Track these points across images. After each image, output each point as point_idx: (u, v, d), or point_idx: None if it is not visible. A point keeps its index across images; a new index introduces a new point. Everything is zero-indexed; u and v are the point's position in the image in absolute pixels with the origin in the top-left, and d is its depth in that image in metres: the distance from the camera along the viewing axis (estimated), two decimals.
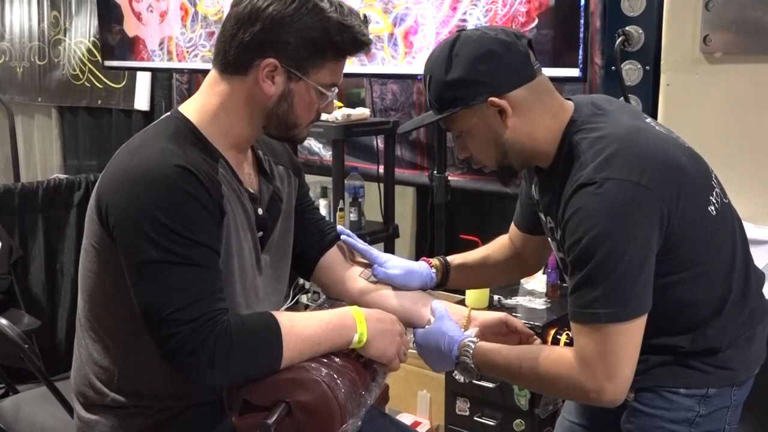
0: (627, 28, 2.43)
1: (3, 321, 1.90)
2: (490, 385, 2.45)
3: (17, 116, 4.72)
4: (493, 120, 1.45)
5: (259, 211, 1.51)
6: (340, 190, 3.01)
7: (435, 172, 3.10)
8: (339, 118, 2.95)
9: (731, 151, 2.21)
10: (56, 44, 4.96)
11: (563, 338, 1.86)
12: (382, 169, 3.23)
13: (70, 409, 1.68)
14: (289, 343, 1.35)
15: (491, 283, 2.27)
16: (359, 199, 3.07)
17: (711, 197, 1.46)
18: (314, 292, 3.18)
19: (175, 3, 3.62)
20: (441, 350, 1.54)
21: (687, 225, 1.39)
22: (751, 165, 2.23)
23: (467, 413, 2.55)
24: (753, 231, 1.63)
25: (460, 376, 2.49)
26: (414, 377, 2.73)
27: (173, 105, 4.23)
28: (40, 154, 5.33)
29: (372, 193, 3.26)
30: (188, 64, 3.67)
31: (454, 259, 1.78)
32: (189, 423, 1.45)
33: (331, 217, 3.04)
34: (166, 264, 1.29)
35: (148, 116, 4.41)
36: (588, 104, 1.50)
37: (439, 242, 3.09)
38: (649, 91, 2.41)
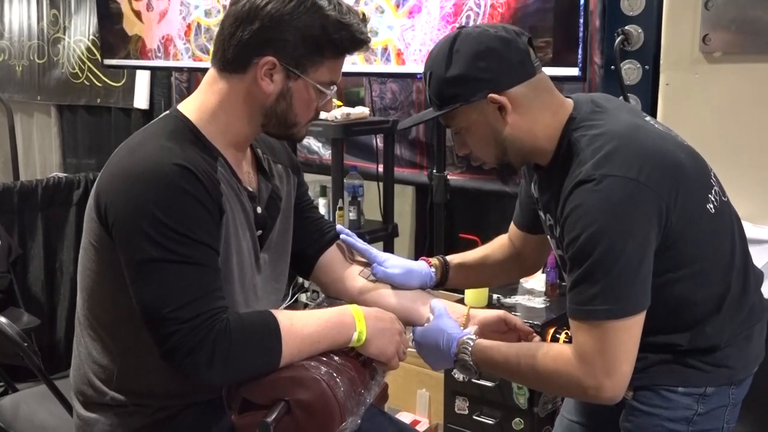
0: (626, 27, 2.43)
1: (2, 319, 1.90)
2: (489, 384, 2.45)
3: (16, 115, 4.72)
4: (493, 116, 1.45)
5: (258, 209, 1.51)
6: (340, 189, 3.01)
7: (434, 171, 3.10)
8: (338, 117, 2.95)
9: (730, 151, 2.21)
10: (55, 43, 4.96)
11: (562, 337, 1.86)
12: (381, 168, 3.23)
13: (69, 408, 1.68)
14: (289, 342, 1.35)
15: (490, 283, 2.27)
16: (358, 198, 3.07)
17: (710, 195, 1.46)
18: (313, 291, 3.19)
19: (175, 2, 3.63)
20: (440, 348, 1.54)
21: (685, 222, 1.39)
22: (750, 164, 2.23)
23: (466, 412, 2.55)
24: (751, 230, 1.64)
25: (459, 374, 2.49)
26: (413, 376, 2.73)
27: (172, 103, 4.23)
28: (40, 153, 5.33)
29: (371, 192, 3.26)
30: (187, 62, 3.67)
31: (453, 258, 1.78)
32: (188, 421, 1.45)
33: (331, 216, 3.05)
34: (165, 263, 1.29)
35: (147, 115, 4.41)
36: (587, 102, 1.50)
37: (439, 241, 3.09)
38: (648, 91, 2.41)
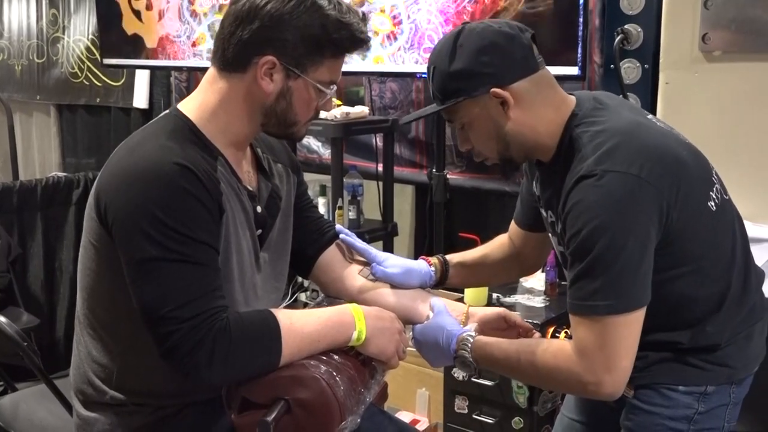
0: (626, 26, 2.43)
1: (2, 319, 1.90)
2: (488, 382, 2.45)
3: (16, 114, 4.72)
4: (496, 111, 1.45)
5: (258, 209, 1.51)
6: (339, 189, 3.01)
7: (434, 170, 3.10)
8: (338, 116, 2.94)
9: (730, 150, 2.21)
10: (55, 42, 4.95)
11: (562, 336, 1.87)
12: (381, 168, 3.23)
13: (69, 407, 1.68)
14: (288, 341, 1.35)
15: (490, 282, 2.27)
16: (358, 198, 3.07)
17: (711, 193, 1.46)
18: (313, 290, 3.18)
19: (174, 2, 3.63)
20: (439, 345, 1.54)
21: (686, 219, 1.40)
22: (750, 163, 2.23)
23: (466, 411, 2.55)
24: (751, 229, 1.64)
25: (458, 373, 2.50)
26: (413, 375, 2.73)
27: (172, 103, 4.23)
28: (39, 152, 5.32)
29: (371, 191, 3.26)
30: (187, 62, 3.67)
31: (453, 257, 1.78)
32: (188, 421, 1.45)
33: (330, 216, 3.05)
34: (164, 262, 1.29)
35: (146, 114, 4.41)
36: (590, 99, 1.51)
37: (438, 240, 3.09)
38: (647, 90, 2.41)
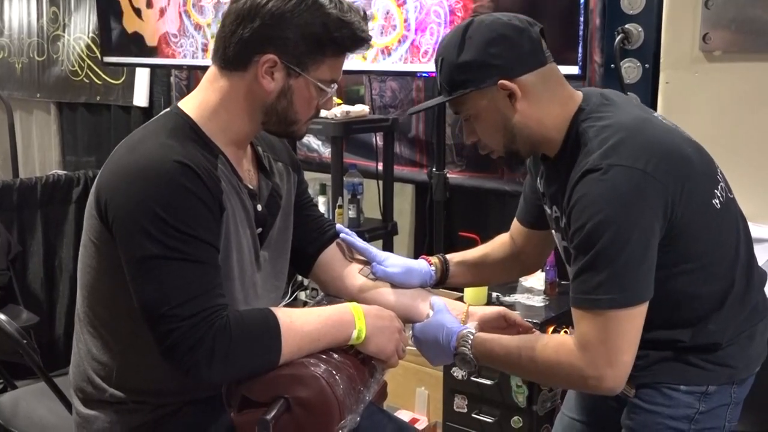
0: (626, 25, 2.43)
1: (1, 316, 1.90)
2: (488, 382, 2.45)
3: (16, 112, 4.71)
4: (503, 103, 1.46)
5: (258, 207, 1.51)
6: (339, 187, 3.01)
7: (434, 169, 3.10)
8: (338, 115, 2.94)
9: (730, 150, 2.21)
10: (55, 40, 4.95)
11: (561, 335, 1.86)
12: (381, 167, 3.23)
13: (68, 405, 1.68)
14: (288, 339, 1.35)
15: (490, 281, 2.27)
16: (358, 196, 3.07)
17: (715, 191, 1.46)
18: (312, 289, 3.18)
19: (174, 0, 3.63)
20: (439, 342, 1.54)
21: (691, 215, 1.40)
22: (750, 163, 2.23)
23: (465, 410, 2.55)
24: (752, 229, 1.64)
25: (458, 372, 2.50)
26: (412, 374, 2.73)
27: (172, 101, 4.23)
28: (39, 150, 5.32)
29: (371, 190, 3.26)
30: (187, 60, 3.67)
31: (453, 257, 1.78)
32: (188, 419, 1.45)
33: (330, 214, 3.04)
34: (165, 260, 1.29)
35: (146, 112, 4.41)
36: (597, 95, 1.51)
37: (438, 240, 3.09)
38: (648, 89, 2.41)
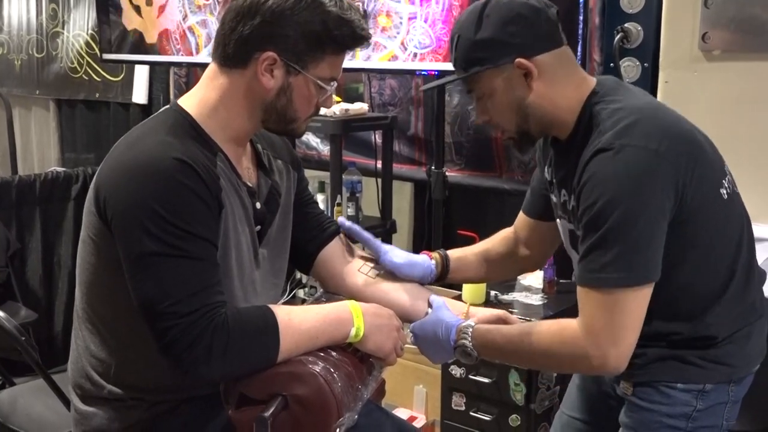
0: (626, 24, 2.43)
1: (0, 314, 1.90)
2: (486, 380, 2.45)
3: (15, 109, 4.72)
4: (518, 82, 1.46)
5: (258, 205, 1.51)
6: (338, 185, 3.01)
7: (433, 167, 3.10)
8: (337, 112, 2.94)
9: (729, 149, 2.18)
10: (54, 37, 4.95)
11: None
12: (380, 165, 3.23)
13: (66, 402, 1.68)
14: (287, 337, 1.35)
15: (491, 277, 2.21)
16: (357, 194, 3.07)
17: (723, 181, 1.47)
18: (311, 287, 3.18)
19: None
20: (439, 337, 1.54)
21: (699, 201, 1.40)
22: (749, 163, 2.23)
23: (463, 408, 2.55)
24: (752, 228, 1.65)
25: (456, 370, 2.50)
26: (410, 372, 2.73)
27: (171, 98, 4.22)
28: (38, 147, 5.32)
29: (370, 188, 3.26)
30: (186, 57, 3.67)
31: (454, 252, 1.79)
32: (186, 416, 1.45)
33: (329, 212, 3.04)
34: (163, 257, 1.29)
35: (145, 110, 4.41)
36: (610, 80, 1.53)
37: (437, 238, 3.09)
38: (647, 89, 2.40)
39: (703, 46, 2.28)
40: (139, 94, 4.47)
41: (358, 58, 2.93)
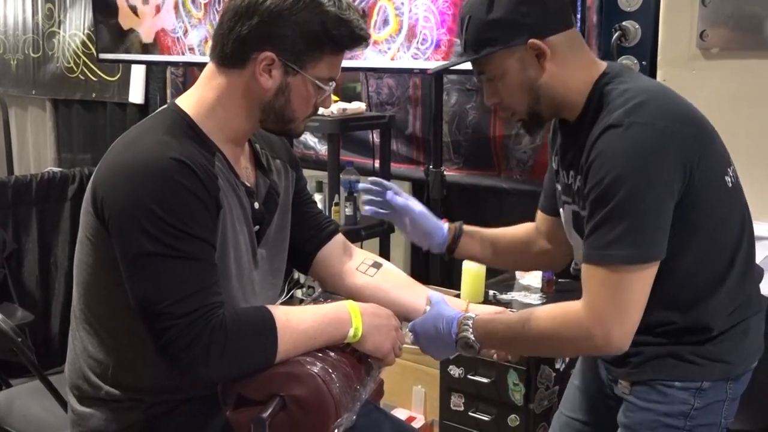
0: (624, 23, 2.43)
1: None
2: (485, 380, 2.45)
3: (11, 109, 4.71)
4: (530, 62, 1.46)
5: (256, 205, 1.51)
6: (336, 185, 3.01)
7: (431, 166, 3.10)
8: (335, 112, 2.94)
9: (727, 147, 2.20)
10: (50, 37, 4.94)
11: None
12: (377, 164, 3.22)
13: (63, 403, 1.68)
14: (285, 337, 1.35)
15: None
16: (354, 194, 3.07)
17: (728, 169, 1.48)
18: (309, 287, 3.18)
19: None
20: (440, 332, 1.53)
21: (706, 184, 1.41)
22: (747, 161, 2.22)
23: (462, 408, 2.55)
24: None
25: (455, 371, 2.49)
26: (409, 372, 2.73)
27: (168, 98, 4.22)
28: (34, 147, 5.31)
29: None
30: (183, 57, 3.66)
31: (469, 227, 1.80)
32: (183, 417, 1.44)
33: (326, 212, 3.04)
34: (161, 257, 1.29)
35: (142, 109, 4.41)
36: (619, 65, 1.54)
37: None
38: None
39: (701, 44, 2.28)
40: (136, 94, 4.47)
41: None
